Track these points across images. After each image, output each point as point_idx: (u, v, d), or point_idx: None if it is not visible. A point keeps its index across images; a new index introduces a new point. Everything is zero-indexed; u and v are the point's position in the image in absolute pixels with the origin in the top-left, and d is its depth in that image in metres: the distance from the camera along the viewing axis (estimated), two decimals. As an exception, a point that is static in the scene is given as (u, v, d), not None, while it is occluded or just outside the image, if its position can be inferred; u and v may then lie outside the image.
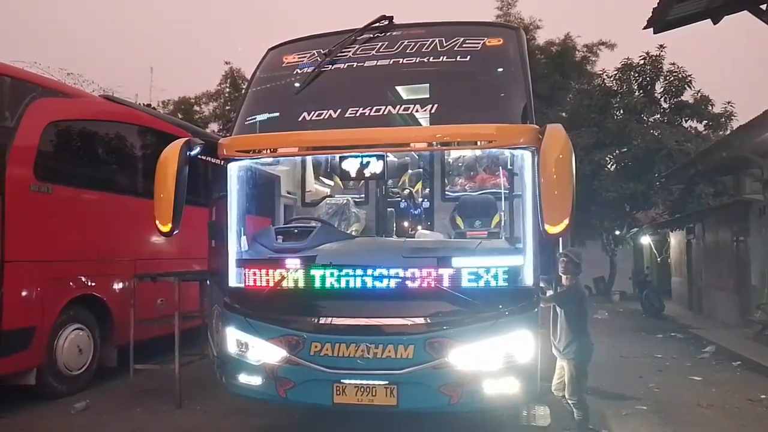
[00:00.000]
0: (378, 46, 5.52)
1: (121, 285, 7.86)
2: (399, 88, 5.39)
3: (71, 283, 7.20)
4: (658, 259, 21.40)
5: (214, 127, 25.10)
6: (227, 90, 25.05)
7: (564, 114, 20.37)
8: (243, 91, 6.27)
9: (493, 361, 4.50)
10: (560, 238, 4.68)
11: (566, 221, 4.06)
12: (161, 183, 4.73)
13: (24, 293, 6.53)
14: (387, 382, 4.56)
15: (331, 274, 4.78)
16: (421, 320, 4.62)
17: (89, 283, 7.44)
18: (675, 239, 19.28)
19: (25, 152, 6.61)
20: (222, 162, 5.17)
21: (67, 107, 7.60)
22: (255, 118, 5.36)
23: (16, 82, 6.84)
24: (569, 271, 5.38)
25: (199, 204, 6.22)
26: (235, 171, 5.21)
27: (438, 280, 4.61)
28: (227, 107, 24.73)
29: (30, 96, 6.84)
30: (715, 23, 6.64)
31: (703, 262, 15.54)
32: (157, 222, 4.74)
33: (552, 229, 4.08)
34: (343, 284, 4.75)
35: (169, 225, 4.69)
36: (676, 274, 19.31)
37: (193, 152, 4.96)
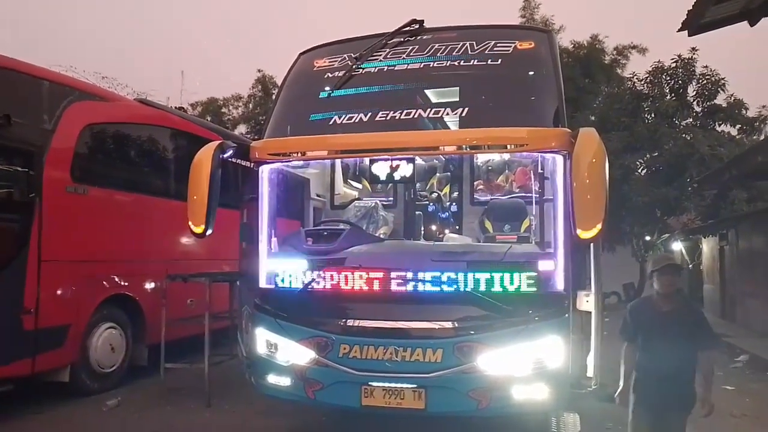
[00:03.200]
0: (408, 49, 5.53)
1: (153, 285, 8.01)
2: (429, 92, 5.38)
3: (105, 283, 7.35)
4: (690, 266, 20.99)
5: (242, 128, 25.47)
6: (258, 94, 25.39)
7: (593, 118, 20.13)
8: (274, 95, 6.33)
9: (523, 366, 4.47)
10: (592, 243, 4.62)
11: (599, 226, 4.02)
12: (195, 185, 4.80)
13: (59, 292, 6.69)
14: (415, 386, 4.56)
15: (360, 277, 4.80)
16: (449, 324, 4.60)
17: (122, 283, 7.59)
18: (707, 246, 18.90)
19: (62, 154, 6.77)
20: (254, 165, 5.23)
21: (103, 110, 7.77)
22: (286, 122, 5.42)
23: (54, 85, 7.01)
24: (674, 283, 4.11)
25: (229, 206, 6.30)
26: (266, 174, 5.28)
27: (467, 285, 4.60)
28: (256, 110, 25.06)
29: (67, 99, 7.01)
30: (752, 25, 6.49)
31: (737, 270, 15.20)
32: (190, 224, 4.80)
33: (585, 234, 4.04)
34: (371, 287, 4.77)
35: (203, 227, 4.75)
36: (709, 282, 18.92)
37: (226, 155, 5.03)
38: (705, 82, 18.47)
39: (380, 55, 5.54)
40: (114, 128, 7.91)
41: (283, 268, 5.11)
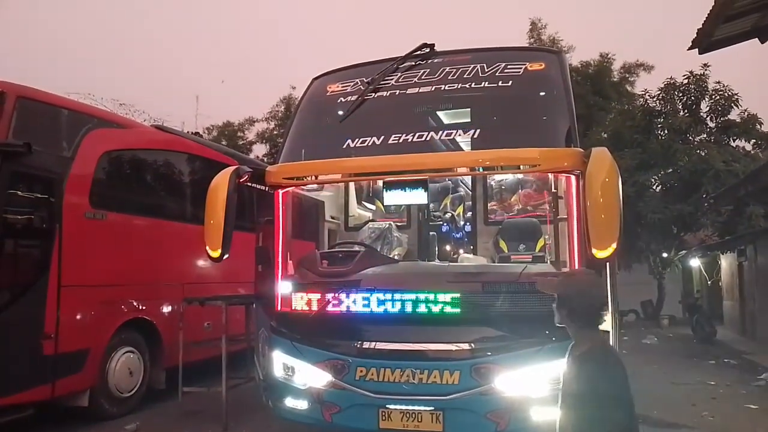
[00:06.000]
0: (420, 73, 5.60)
1: (170, 309, 8.06)
2: (441, 114, 5.44)
3: (123, 307, 7.41)
4: (709, 283, 20.74)
5: (260, 148, 25.83)
6: (280, 113, 25.81)
7: (605, 135, 20.12)
8: (289, 119, 6.43)
9: (541, 387, 4.43)
10: (607, 262, 4.61)
11: (614, 245, 4.02)
12: (211, 210, 4.88)
13: (79, 317, 6.75)
14: (433, 408, 4.54)
15: (376, 299, 4.81)
16: (466, 346, 4.60)
17: (140, 307, 7.65)
18: (726, 262, 18.68)
19: (81, 181, 6.89)
20: (269, 189, 5.30)
21: (121, 137, 7.91)
22: (301, 146, 5.49)
23: (73, 114, 7.17)
24: (574, 319, 2.72)
25: (244, 229, 6.35)
26: (281, 197, 5.34)
27: (483, 305, 4.60)
28: (274, 132, 25.47)
29: (86, 127, 7.14)
30: (762, 42, 6.52)
31: (756, 285, 14.99)
32: (207, 248, 4.87)
33: (600, 254, 4.04)
34: (387, 309, 4.78)
35: (219, 251, 4.82)
36: (728, 298, 18.66)
37: (242, 180, 5.10)
38: (718, 97, 18.42)
39: (392, 79, 5.62)
40: (131, 154, 8.04)
41: (298, 291, 5.14)
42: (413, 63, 5.72)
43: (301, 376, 4.95)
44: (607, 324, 4.59)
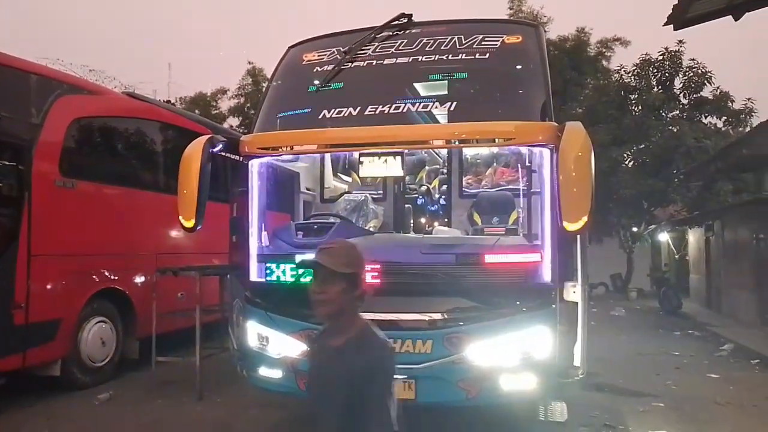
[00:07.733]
0: (397, 43, 5.55)
1: (143, 279, 8.01)
2: (418, 86, 5.41)
3: (95, 277, 7.35)
4: (677, 257, 21.24)
5: (232, 121, 25.47)
6: (249, 87, 25.44)
7: (580, 110, 20.28)
8: (264, 88, 6.33)
9: (511, 357, 4.53)
10: (578, 236, 4.69)
11: (585, 218, 4.08)
12: (185, 179, 4.81)
13: (49, 286, 6.69)
14: (405, 377, 4.60)
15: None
16: (439, 316, 4.65)
17: (112, 277, 7.58)
18: (693, 237, 19.12)
19: (50, 148, 6.75)
20: (243, 159, 5.25)
21: (91, 104, 7.74)
22: (276, 116, 5.43)
23: (42, 79, 6.99)
24: (361, 300, 2.25)
25: (218, 199, 6.30)
26: (256, 168, 5.29)
27: (456, 277, 4.66)
28: (247, 104, 25.11)
29: (55, 93, 6.98)
30: (736, 20, 6.57)
31: (722, 260, 15.41)
32: (180, 218, 4.82)
33: (571, 227, 4.11)
34: None
35: (193, 221, 4.77)
36: (695, 272, 19.16)
37: (216, 149, 5.04)
38: (692, 74, 18.65)
39: (369, 49, 5.56)
40: (102, 122, 7.89)
41: (273, 262, 5.13)
42: (391, 33, 5.66)
43: (276, 345, 4.96)
44: (576, 296, 4.72)
